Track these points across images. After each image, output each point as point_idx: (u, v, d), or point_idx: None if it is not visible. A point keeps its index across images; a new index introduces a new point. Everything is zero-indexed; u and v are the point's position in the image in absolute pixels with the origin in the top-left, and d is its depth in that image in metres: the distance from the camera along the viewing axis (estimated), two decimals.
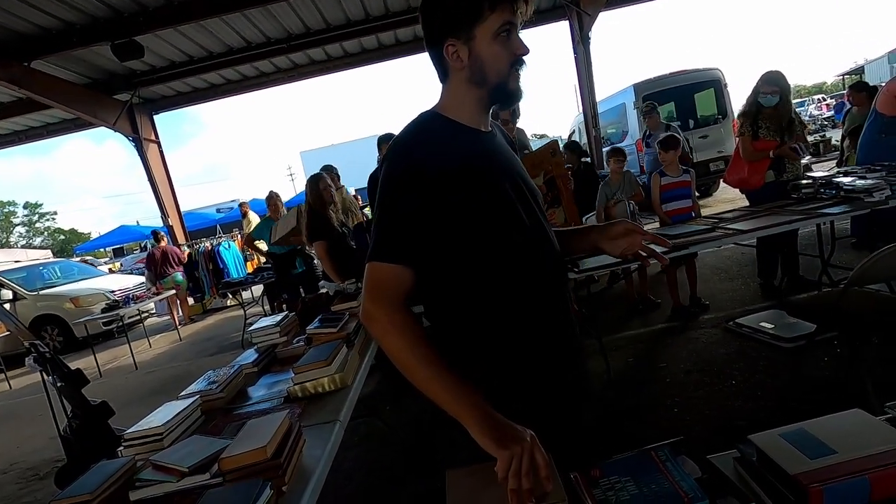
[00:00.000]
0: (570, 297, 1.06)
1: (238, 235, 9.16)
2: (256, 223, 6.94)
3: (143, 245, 19.18)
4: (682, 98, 8.44)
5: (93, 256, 22.01)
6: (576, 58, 7.97)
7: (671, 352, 3.22)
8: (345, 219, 3.92)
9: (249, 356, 2.05)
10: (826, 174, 3.48)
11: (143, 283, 8.89)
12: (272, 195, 5.73)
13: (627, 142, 8.37)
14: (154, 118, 8.66)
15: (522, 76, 0.95)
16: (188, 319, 8.25)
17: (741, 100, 5.18)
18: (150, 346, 6.98)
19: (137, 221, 23.78)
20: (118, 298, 6.93)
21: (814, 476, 0.67)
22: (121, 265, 19.12)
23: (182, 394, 1.70)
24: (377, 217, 0.92)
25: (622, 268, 3.18)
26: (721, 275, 4.59)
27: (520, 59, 0.93)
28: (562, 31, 8.07)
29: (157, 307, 8.83)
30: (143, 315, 8.04)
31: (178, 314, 8.07)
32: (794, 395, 2.42)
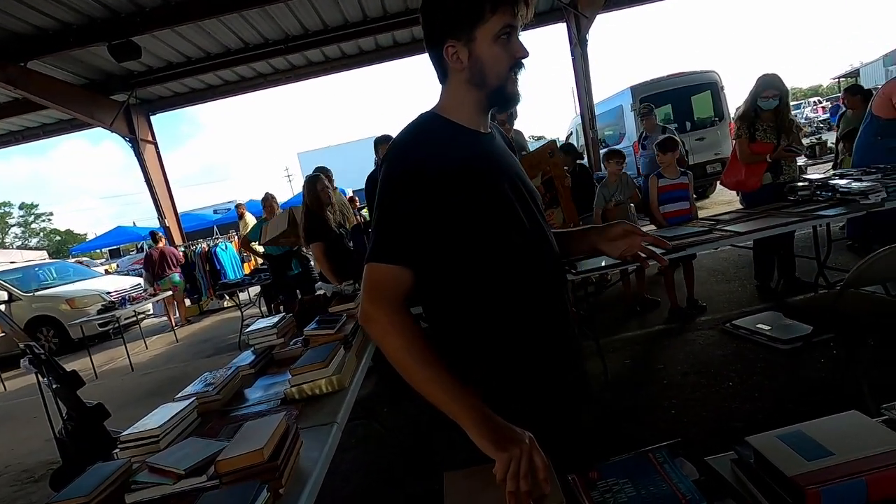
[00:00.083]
0: (569, 299, 1.06)
1: (235, 236, 9.14)
2: (253, 225, 6.93)
3: (140, 246, 19.10)
4: (679, 100, 8.46)
5: (89, 257, 21.91)
6: (573, 60, 7.99)
7: (668, 353, 3.23)
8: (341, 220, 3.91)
9: (246, 358, 2.04)
10: (822, 176, 3.50)
11: (140, 285, 8.86)
12: (268, 196, 5.73)
13: (624, 144, 8.39)
14: (151, 119, 8.65)
15: (521, 79, 0.96)
16: (185, 321, 8.23)
17: (737, 102, 5.21)
18: (147, 348, 6.95)
19: (134, 222, 23.72)
20: (114, 300, 6.90)
21: (811, 478, 0.67)
22: (117, 266, 19.01)
23: (178, 396, 1.69)
24: (376, 218, 0.91)
25: (612, 273, 3.17)
26: (718, 276, 4.61)
27: (519, 62, 0.93)
28: (559, 34, 8.13)
29: (155, 308, 8.81)
30: (140, 316, 8.01)
31: (175, 315, 8.04)
32: (791, 397, 2.42)
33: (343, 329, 1.97)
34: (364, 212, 7.50)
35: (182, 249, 8.19)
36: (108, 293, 7.97)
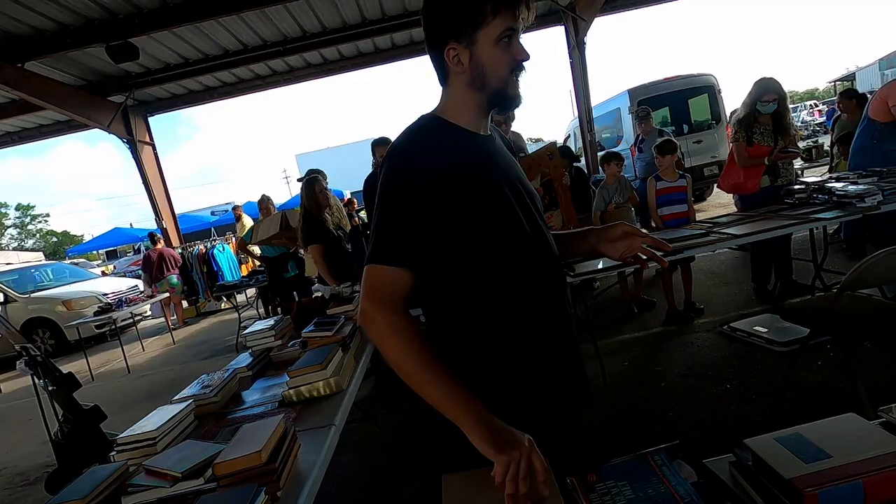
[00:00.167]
0: (569, 301, 1.06)
1: (232, 238, 9.12)
2: (249, 227, 6.91)
3: (137, 248, 19.03)
4: (677, 103, 8.49)
5: (85, 259, 21.85)
6: (571, 63, 8.02)
7: (666, 356, 3.23)
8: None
9: (244, 360, 2.04)
10: (819, 179, 3.51)
11: (136, 286, 8.83)
12: (264, 198, 5.73)
13: (622, 146, 8.41)
14: (149, 120, 8.63)
15: (522, 82, 0.96)
16: (182, 322, 8.20)
17: (734, 105, 5.22)
18: (144, 350, 6.92)
19: (131, 224, 23.65)
20: (111, 301, 6.87)
21: (809, 480, 0.67)
22: (114, 268, 18.96)
23: (175, 398, 1.69)
24: (376, 219, 0.91)
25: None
26: (715, 279, 4.62)
27: (520, 65, 0.94)
28: (557, 36, 8.14)
29: (154, 309, 8.78)
30: (137, 318, 7.98)
31: (172, 317, 8.02)
32: (788, 399, 2.43)
33: (341, 331, 1.97)
34: (362, 214, 7.50)
35: (179, 251, 8.18)
36: (105, 295, 7.94)
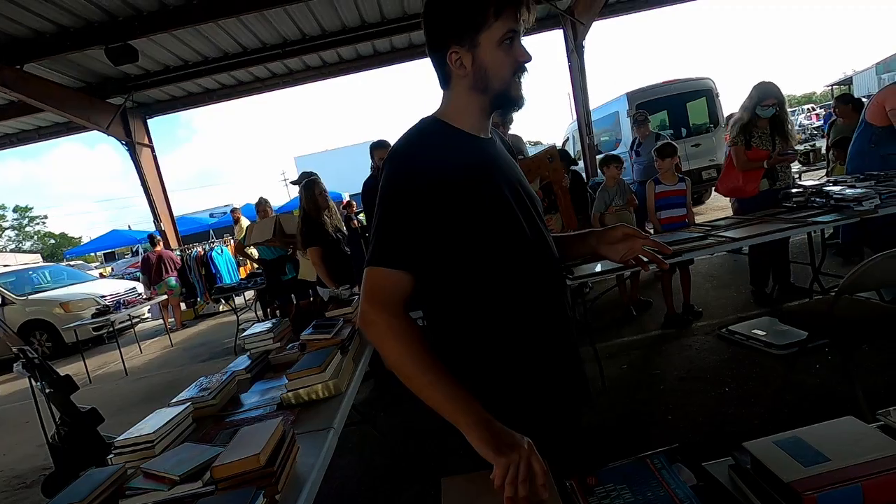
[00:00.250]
0: (569, 303, 1.06)
1: (231, 240, 9.11)
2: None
3: (135, 250, 19.00)
4: (675, 107, 8.52)
5: (83, 261, 21.80)
6: (570, 66, 8.04)
7: (665, 359, 3.23)
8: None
9: (242, 362, 2.04)
10: (816, 183, 3.53)
11: (134, 289, 8.81)
12: (262, 201, 5.73)
13: (621, 150, 8.43)
14: (147, 122, 8.63)
15: (524, 83, 0.96)
16: (180, 325, 8.18)
17: (732, 109, 5.24)
18: (141, 352, 6.90)
19: (129, 226, 23.63)
20: (109, 303, 6.86)
21: (808, 484, 0.67)
22: (112, 270, 18.93)
23: (173, 400, 1.68)
24: (377, 222, 0.91)
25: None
26: (714, 282, 4.63)
27: (522, 66, 0.94)
28: (556, 40, 8.16)
29: (153, 311, 8.76)
30: (135, 320, 7.96)
31: (170, 319, 8.00)
32: (787, 402, 2.43)
33: (340, 334, 1.96)
34: (361, 216, 7.50)
35: (178, 253, 8.16)
36: (103, 297, 7.92)
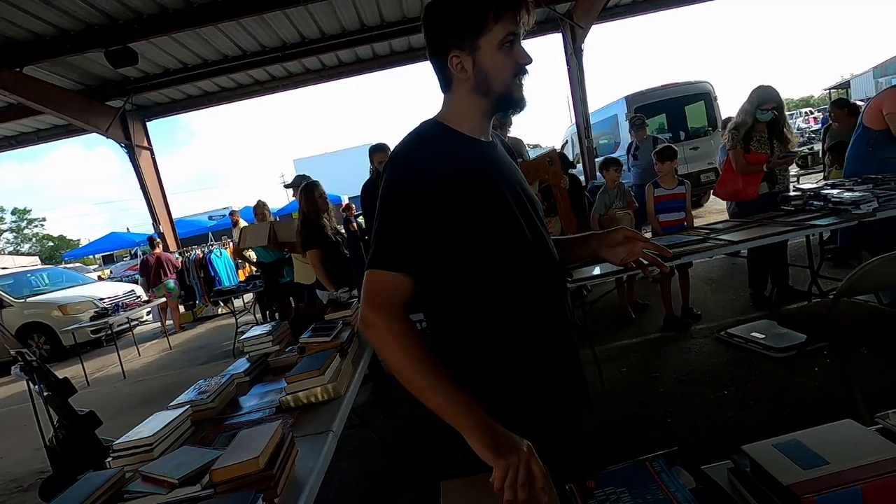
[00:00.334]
0: (569, 306, 1.06)
1: (230, 243, 9.11)
2: None
3: (134, 252, 18.98)
4: (674, 110, 8.55)
5: (82, 263, 21.74)
6: (569, 69, 8.07)
7: (664, 362, 3.23)
8: None
9: (241, 365, 2.03)
10: (815, 186, 3.53)
11: (133, 291, 8.80)
12: (259, 204, 5.72)
13: (619, 153, 8.45)
14: (147, 125, 8.63)
15: (526, 85, 0.96)
16: (179, 328, 8.17)
17: (731, 112, 5.24)
18: (140, 355, 6.89)
19: (128, 228, 23.62)
20: (107, 306, 6.85)
21: (807, 487, 0.67)
22: (110, 272, 18.89)
23: (172, 403, 1.68)
24: (377, 225, 0.91)
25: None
26: (712, 285, 4.63)
27: (523, 69, 0.94)
28: (555, 43, 8.18)
29: (153, 313, 8.75)
30: (133, 323, 7.94)
31: (168, 321, 7.98)
32: (786, 405, 2.43)
33: (339, 336, 1.96)
34: (360, 219, 7.50)
35: (177, 256, 8.15)
36: (101, 300, 7.91)
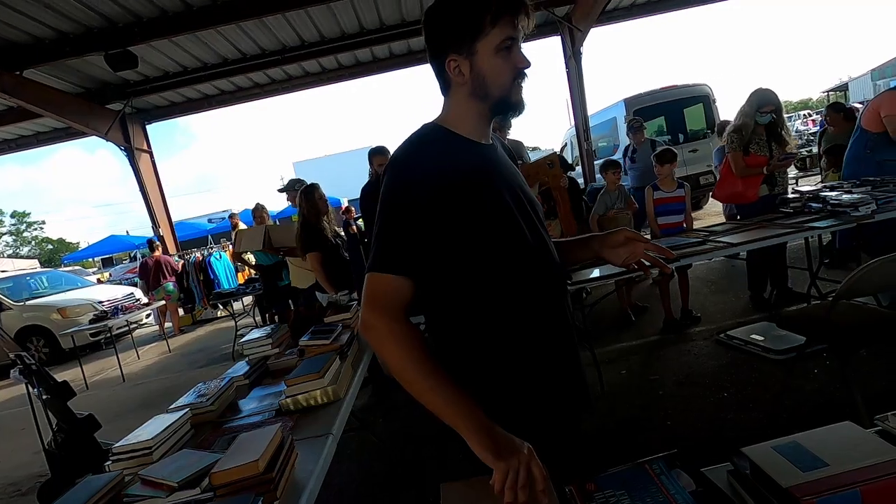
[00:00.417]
0: (570, 308, 1.06)
1: (229, 246, 9.10)
2: None
3: (133, 255, 18.97)
4: (672, 113, 8.56)
5: (81, 266, 21.71)
6: (568, 72, 8.09)
7: (663, 364, 3.23)
8: None
9: (240, 368, 2.03)
10: (813, 188, 3.54)
11: (132, 294, 8.79)
12: (258, 207, 5.73)
13: (619, 155, 8.45)
14: (146, 128, 8.64)
15: (524, 89, 0.96)
16: (178, 330, 8.16)
17: (729, 115, 5.25)
18: (139, 358, 6.88)
19: (127, 231, 23.59)
20: (106, 309, 6.83)
21: (806, 489, 0.67)
22: (110, 275, 18.87)
23: (171, 407, 1.67)
24: (378, 228, 0.91)
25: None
26: (712, 287, 4.64)
27: (521, 72, 0.94)
28: (554, 46, 8.20)
29: (154, 315, 8.74)
30: (133, 326, 7.94)
31: (168, 324, 7.97)
32: (785, 407, 2.43)
33: (338, 339, 1.96)
34: (360, 222, 7.49)
35: (176, 258, 8.15)
36: (100, 302, 7.90)
